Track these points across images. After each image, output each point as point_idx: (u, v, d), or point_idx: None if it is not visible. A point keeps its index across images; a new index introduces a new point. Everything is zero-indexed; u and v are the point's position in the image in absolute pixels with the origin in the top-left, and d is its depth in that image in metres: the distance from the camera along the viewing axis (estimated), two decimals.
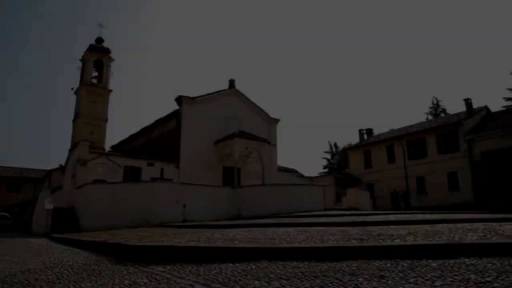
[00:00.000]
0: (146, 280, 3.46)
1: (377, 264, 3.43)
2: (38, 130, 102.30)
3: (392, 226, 7.26)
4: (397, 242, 4.45)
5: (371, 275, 3.01)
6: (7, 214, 34.72)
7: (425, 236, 4.96)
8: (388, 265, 3.39)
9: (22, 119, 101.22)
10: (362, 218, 10.37)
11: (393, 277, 2.93)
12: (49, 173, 40.17)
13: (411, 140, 33.65)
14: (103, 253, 6.23)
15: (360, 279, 2.92)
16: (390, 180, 34.13)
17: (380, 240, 4.71)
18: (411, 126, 36.84)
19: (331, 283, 2.87)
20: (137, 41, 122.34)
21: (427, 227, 6.75)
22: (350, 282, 2.84)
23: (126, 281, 3.49)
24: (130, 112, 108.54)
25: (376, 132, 41.49)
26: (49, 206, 18.49)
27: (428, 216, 10.77)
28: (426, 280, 2.79)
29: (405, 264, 3.38)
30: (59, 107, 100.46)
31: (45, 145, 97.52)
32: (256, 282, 3.03)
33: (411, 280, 2.81)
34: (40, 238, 14.41)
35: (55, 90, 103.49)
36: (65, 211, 20.48)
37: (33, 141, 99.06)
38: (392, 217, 10.69)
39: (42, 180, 45.85)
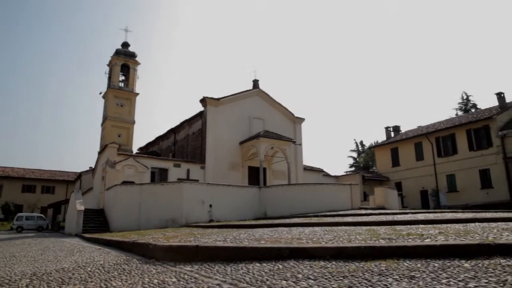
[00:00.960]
0: (174, 280, 3.51)
1: (407, 264, 3.35)
2: (70, 133, 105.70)
3: (421, 226, 7.09)
4: (427, 241, 4.33)
5: (401, 276, 2.94)
6: (42, 215, 36.08)
7: (457, 235, 4.81)
8: (419, 265, 3.30)
9: (54, 123, 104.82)
10: (390, 217, 10.19)
11: (424, 277, 2.86)
12: (80, 175, 41.44)
13: (440, 137, 32.74)
14: (133, 252, 6.37)
15: (390, 279, 2.86)
16: (419, 178, 33.40)
17: (409, 240, 4.60)
18: (440, 123, 35.85)
19: (359, 283, 2.82)
20: (160, 42, 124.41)
21: (459, 226, 6.56)
22: (379, 283, 2.78)
23: (155, 280, 3.55)
24: (156, 114, 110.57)
25: (403, 129, 40.67)
26: (80, 207, 19.04)
27: (460, 215, 10.46)
28: (459, 281, 2.70)
29: (436, 265, 3.28)
30: (88, 111, 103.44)
31: (77, 148, 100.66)
32: (284, 282, 3.02)
33: (443, 281, 2.73)
34: (72, 238, 14.88)
35: (87, 95, 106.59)
36: (95, 212, 21.07)
37: (66, 144, 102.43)
38: (421, 216, 10.44)
39: (74, 182, 47.40)
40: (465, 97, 54.56)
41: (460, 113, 50.95)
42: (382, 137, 42.71)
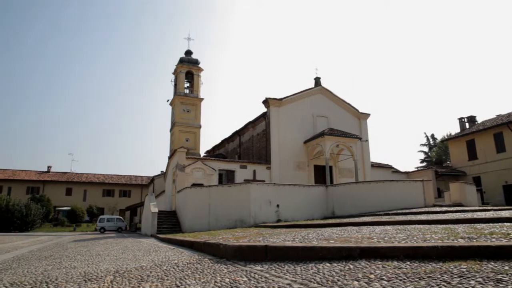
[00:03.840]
0: (245, 279, 3.56)
1: (491, 266, 3.09)
2: (142, 140, 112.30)
3: (506, 224, 6.51)
4: None
5: (485, 278, 2.71)
6: (121, 217, 38.75)
7: None
8: (506, 267, 3.02)
9: (128, 132, 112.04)
10: (469, 215, 9.48)
11: None
12: (152, 179, 43.83)
13: None
14: (204, 252, 6.57)
15: (472, 282, 2.65)
16: (501, 172, 30.73)
17: (493, 239, 4.24)
18: None
19: (437, 285, 2.65)
20: (218, 44, 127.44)
21: None
22: (460, 285, 2.59)
23: (227, 279, 3.63)
24: (220, 116, 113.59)
25: (479, 119, 37.71)
26: (154, 209, 20.09)
27: None
28: None
29: None
30: (158, 118, 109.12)
31: (149, 153, 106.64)
32: (355, 283, 2.94)
33: None
34: (148, 238, 15.73)
35: (155, 103, 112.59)
36: (168, 214, 22.14)
37: (139, 151, 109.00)
38: (506, 213, 9.58)
39: (147, 185, 50.30)
40: None
41: None
42: (455, 129, 40.13)
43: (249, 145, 30.91)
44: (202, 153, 39.68)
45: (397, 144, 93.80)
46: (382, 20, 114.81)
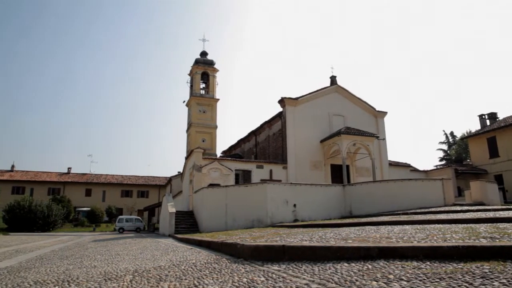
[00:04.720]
0: (263, 279, 3.56)
1: None
2: (159, 141, 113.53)
3: None
4: None
5: (509, 280, 2.63)
6: (139, 218, 39.25)
7: None
8: None
9: (145, 133, 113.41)
10: (491, 214, 9.26)
11: None
12: (170, 179, 44.28)
13: None
14: (221, 252, 6.59)
15: (496, 283, 2.58)
16: None
17: None
18: None
19: (458, 286, 2.59)
20: (233, 44, 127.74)
21: None
22: (482, 286, 2.52)
23: (245, 279, 3.64)
24: (236, 116, 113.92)
25: (500, 116, 36.80)
26: (172, 209, 20.27)
27: None
28: None
29: None
30: (175, 120, 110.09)
31: (166, 154, 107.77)
32: (374, 283, 2.91)
33: None
34: (166, 238, 15.88)
35: (171, 104, 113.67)
36: (186, 214, 22.31)
37: (156, 151, 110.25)
38: None
39: (165, 186, 50.87)
40: None
41: None
42: (475, 126, 39.25)
43: (265, 145, 30.92)
44: (219, 153, 39.85)
45: (415, 143, 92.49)
46: (398, 17, 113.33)
